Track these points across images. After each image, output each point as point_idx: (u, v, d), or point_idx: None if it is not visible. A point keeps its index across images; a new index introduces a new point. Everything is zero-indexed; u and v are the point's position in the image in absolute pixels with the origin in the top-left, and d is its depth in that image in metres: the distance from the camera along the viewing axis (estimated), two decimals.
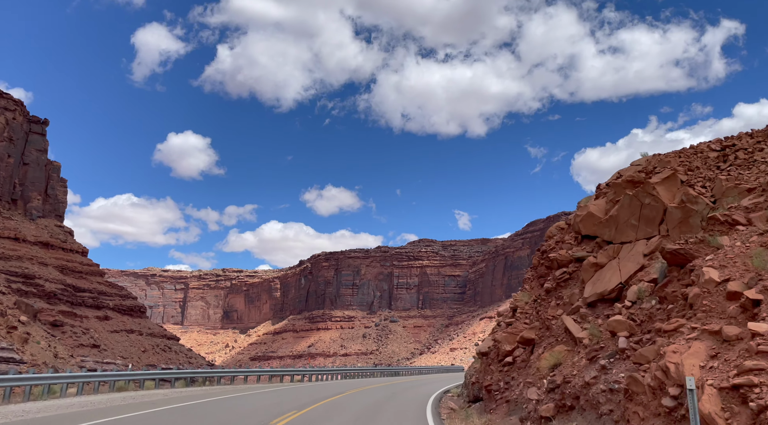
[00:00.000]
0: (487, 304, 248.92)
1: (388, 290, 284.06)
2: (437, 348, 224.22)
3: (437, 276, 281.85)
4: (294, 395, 31.75)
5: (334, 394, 32.67)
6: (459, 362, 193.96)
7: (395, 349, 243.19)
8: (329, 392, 34.85)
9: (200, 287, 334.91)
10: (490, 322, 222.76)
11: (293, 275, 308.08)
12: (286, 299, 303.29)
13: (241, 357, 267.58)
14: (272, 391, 35.50)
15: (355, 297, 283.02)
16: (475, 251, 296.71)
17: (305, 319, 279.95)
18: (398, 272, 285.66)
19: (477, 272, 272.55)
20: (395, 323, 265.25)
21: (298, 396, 31.06)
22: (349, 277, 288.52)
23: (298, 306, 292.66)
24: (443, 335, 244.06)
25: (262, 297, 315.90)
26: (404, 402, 29.28)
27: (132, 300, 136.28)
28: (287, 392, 34.82)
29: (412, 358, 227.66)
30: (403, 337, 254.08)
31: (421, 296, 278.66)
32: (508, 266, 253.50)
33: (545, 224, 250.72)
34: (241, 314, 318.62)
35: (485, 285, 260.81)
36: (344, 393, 33.59)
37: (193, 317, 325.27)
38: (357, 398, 30.55)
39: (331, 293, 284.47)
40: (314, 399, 28.77)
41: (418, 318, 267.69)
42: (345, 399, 29.09)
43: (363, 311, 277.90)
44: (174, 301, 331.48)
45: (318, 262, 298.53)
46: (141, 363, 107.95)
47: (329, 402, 27.33)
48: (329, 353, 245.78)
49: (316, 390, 36.57)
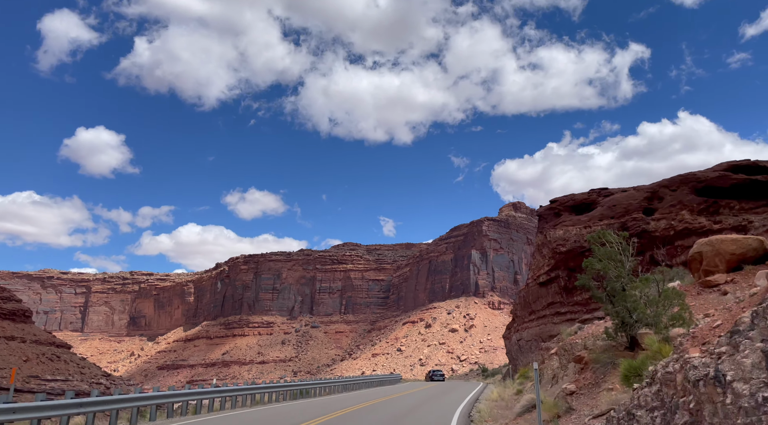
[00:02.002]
0: (411, 309, 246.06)
1: (310, 295, 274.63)
2: (359, 354, 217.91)
3: (361, 280, 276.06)
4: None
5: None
6: (381, 369, 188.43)
7: (315, 356, 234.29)
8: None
9: (104, 291, 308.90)
10: (413, 327, 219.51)
11: (209, 279, 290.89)
12: (200, 304, 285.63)
13: (148, 366, 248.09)
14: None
15: (275, 302, 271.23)
16: (400, 255, 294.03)
17: (220, 325, 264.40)
18: (321, 276, 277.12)
19: (401, 277, 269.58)
20: (316, 328, 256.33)
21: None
22: (269, 281, 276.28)
23: (213, 312, 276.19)
24: (365, 340, 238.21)
25: (173, 302, 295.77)
26: None
27: (15, 303, 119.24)
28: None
29: (333, 365, 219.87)
30: (325, 343, 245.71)
31: (344, 300, 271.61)
32: (432, 271, 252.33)
33: (468, 229, 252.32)
34: (150, 320, 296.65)
35: (409, 290, 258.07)
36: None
37: (95, 323, 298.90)
38: None
39: (250, 298, 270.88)
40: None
41: (340, 324, 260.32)
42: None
43: (283, 317, 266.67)
44: (73, 306, 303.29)
45: (236, 265, 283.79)
46: (22, 373, 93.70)
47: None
48: (245, 360, 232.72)
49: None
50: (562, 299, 55.62)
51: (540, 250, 62.38)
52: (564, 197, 61.33)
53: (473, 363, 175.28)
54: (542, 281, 59.41)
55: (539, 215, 64.67)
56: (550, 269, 57.80)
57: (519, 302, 69.87)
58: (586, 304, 51.82)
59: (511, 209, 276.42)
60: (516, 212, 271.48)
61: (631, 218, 50.11)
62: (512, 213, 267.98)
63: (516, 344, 65.27)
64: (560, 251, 54.57)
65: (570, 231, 53.71)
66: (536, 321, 59.48)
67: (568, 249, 53.24)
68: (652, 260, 46.48)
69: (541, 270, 60.99)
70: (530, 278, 65.85)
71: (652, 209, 51.20)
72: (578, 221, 54.41)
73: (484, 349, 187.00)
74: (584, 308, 51.79)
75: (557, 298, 56.51)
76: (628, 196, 53.44)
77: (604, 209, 53.57)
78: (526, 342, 60.86)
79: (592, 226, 50.77)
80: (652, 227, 48.60)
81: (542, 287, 59.84)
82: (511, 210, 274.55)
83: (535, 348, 56.19)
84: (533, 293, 62.78)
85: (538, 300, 60.85)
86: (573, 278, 53.22)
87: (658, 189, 52.20)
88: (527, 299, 64.97)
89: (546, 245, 59.12)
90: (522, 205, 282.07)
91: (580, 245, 50.49)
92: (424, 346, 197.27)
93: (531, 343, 58.83)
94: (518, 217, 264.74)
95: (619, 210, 52.24)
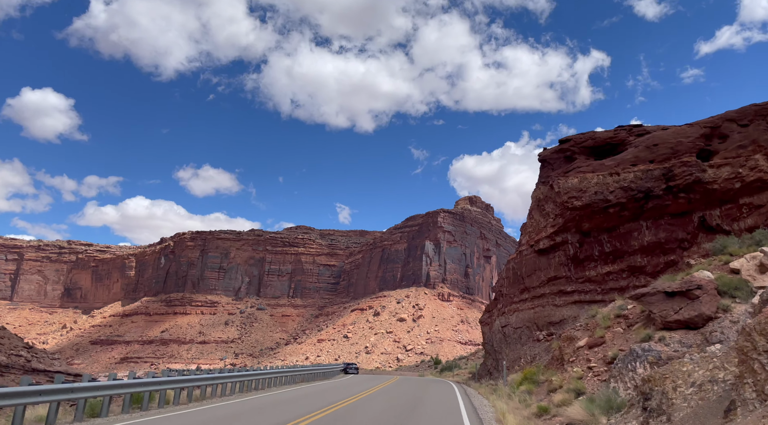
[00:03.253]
0: (360, 296, 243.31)
1: (258, 277, 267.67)
2: (304, 339, 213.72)
3: (312, 265, 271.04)
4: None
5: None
6: (326, 355, 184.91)
7: (259, 338, 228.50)
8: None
9: (38, 259, 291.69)
10: (361, 314, 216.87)
11: (152, 254, 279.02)
12: (142, 280, 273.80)
13: (81, 340, 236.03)
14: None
15: (221, 282, 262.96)
16: (354, 242, 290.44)
17: (161, 302, 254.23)
18: (271, 257, 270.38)
19: (353, 263, 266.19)
20: (263, 311, 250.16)
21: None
22: (216, 259, 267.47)
23: (154, 288, 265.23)
24: (312, 325, 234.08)
25: (112, 275, 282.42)
26: None
27: None
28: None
29: (277, 348, 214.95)
30: (270, 326, 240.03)
31: (293, 284, 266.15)
32: (384, 259, 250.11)
33: (424, 219, 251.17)
34: (86, 292, 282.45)
35: (360, 277, 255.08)
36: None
37: (25, 292, 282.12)
38: None
39: (194, 276, 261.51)
40: None
41: (287, 307, 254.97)
42: None
43: (228, 297, 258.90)
44: (3, 273, 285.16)
45: (182, 241, 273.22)
46: None
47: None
48: (185, 340, 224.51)
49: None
50: (569, 274, 42.99)
51: (540, 206, 47.92)
52: (580, 135, 47.59)
53: (419, 353, 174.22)
54: (542, 248, 45.70)
55: (543, 160, 50.28)
56: (555, 231, 43.99)
57: (506, 276, 54.61)
58: (602, 281, 40.57)
59: (467, 202, 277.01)
60: (472, 206, 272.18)
61: (680, 163, 37.05)
62: (468, 207, 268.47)
63: (500, 332, 51.46)
64: (573, 207, 41.21)
65: (588, 180, 40.75)
66: (530, 302, 46.74)
67: (585, 204, 40.26)
68: (702, 223, 36.75)
69: (541, 234, 46.58)
70: (524, 244, 50.67)
71: (710, 151, 38.24)
72: (601, 167, 41.43)
73: (431, 340, 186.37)
74: (599, 287, 40.45)
75: (562, 272, 43.51)
76: (676, 133, 40.27)
77: (639, 150, 40.47)
78: (514, 330, 48.25)
79: (621, 172, 39.06)
80: (709, 177, 35.98)
81: (541, 257, 46.12)
82: (467, 204, 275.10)
83: (527, 338, 45.00)
84: (528, 264, 48.26)
85: (535, 274, 47.06)
86: (587, 245, 41.82)
87: (722, 124, 38.89)
88: (518, 273, 50.46)
89: (551, 199, 45.42)
90: (478, 199, 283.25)
91: (603, 198, 39.20)
92: (371, 334, 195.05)
93: (522, 332, 46.60)
94: (473, 211, 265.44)
95: (662, 152, 39.05)
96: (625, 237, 39.63)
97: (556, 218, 44.31)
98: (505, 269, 57.01)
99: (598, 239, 41.35)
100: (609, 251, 40.50)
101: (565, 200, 42.02)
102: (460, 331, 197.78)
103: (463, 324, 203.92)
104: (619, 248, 39.88)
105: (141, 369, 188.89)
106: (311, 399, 25.94)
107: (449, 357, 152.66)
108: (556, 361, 25.14)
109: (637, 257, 38.83)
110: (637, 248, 38.76)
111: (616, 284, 39.44)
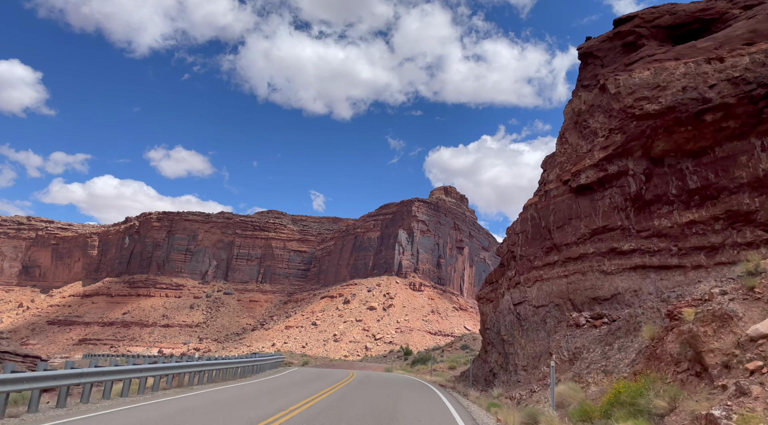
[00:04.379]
0: (331, 283, 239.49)
1: (226, 260, 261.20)
2: (272, 325, 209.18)
3: (283, 250, 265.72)
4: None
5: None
6: (293, 342, 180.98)
7: (225, 323, 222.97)
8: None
9: None
10: (331, 302, 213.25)
11: (116, 233, 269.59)
12: (104, 259, 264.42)
13: (37, 319, 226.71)
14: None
15: (188, 264, 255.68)
16: (326, 228, 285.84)
17: (124, 283, 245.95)
18: (240, 241, 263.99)
19: (324, 250, 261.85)
20: (230, 295, 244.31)
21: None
22: (183, 241, 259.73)
23: (117, 268, 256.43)
24: (280, 312, 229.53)
25: (74, 254, 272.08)
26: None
27: None
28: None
29: (243, 334, 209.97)
30: (237, 311, 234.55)
31: (263, 269, 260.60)
32: (357, 247, 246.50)
33: (398, 208, 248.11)
34: (46, 271, 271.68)
35: (331, 264, 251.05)
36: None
37: None
38: None
39: (160, 258, 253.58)
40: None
41: (255, 292, 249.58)
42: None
43: (195, 280, 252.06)
44: None
45: (148, 221, 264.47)
46: None
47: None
48: (147, 323, 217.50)
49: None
50: (627, 224, 27.97)
51: (581, 123, 32.29)
52: (650, 10, 31.60)
53: (388, 342, 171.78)
54: (584, 183, 29.99)
55: (585, 55, 34.74)
56: (608, 156, 28.55)
57: (521, 230, 36.84)
58: (680, 236, 25.78)
59: (442, 192, 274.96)
60: (446, 196, 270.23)
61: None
62: (442, 197, 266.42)
63: (511, 312, 34.92)
64: (642, 114, 26.38)
65: (670, 72, 26.12)
66: (562, 267, 31.00)
67: (666, 107, 25.53)
68: None
69: (582, 162, 30.59)
70: (552, 182, 33.94)
71: None
72: (691, 52, 26.40)
73: (401, 329, 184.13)
74: (674, 245, 25.78)
75: (616, 220, 28.41)
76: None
77: (758, 22, 25.69)
78: (535, 310, 32.36)
79: (727, 57, 24.62)
80: None
81: (582, 198, 30.62)
82: (442, 194, 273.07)
83: (557, 321, 29.95)
84: (559, 210, 32.25)
85: (570, 225, 31.18)
86: (658, 179, 27.10)
87: None
88: (541, 224, 33.87)
89: (601, 108, 30.12)
90: (453, 189, 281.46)
91: (697, 96, 24.69)
92: (340, 322, 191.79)
93: (548, 312, 31.15)
94: (448, 201, 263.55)
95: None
96: (724, 165, 24.84)
97: (610, 136, 28.57)
98: (519, 220, 37.29)
99: (678, 170, 26.41)
100: (695, 187, 25.60)
101: (629, 104, 26.87)
102: (430, 321, 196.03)
103: (434, 314, 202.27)
104: (712, 182, 25.05)
105: (100, 351, 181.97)
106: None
107: (419, 346, 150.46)
108: (670, 364, 13.81)
109: (743, 198, 24.09)
110: (745, 183, 24.09)
111: (703, 240, 24.88)
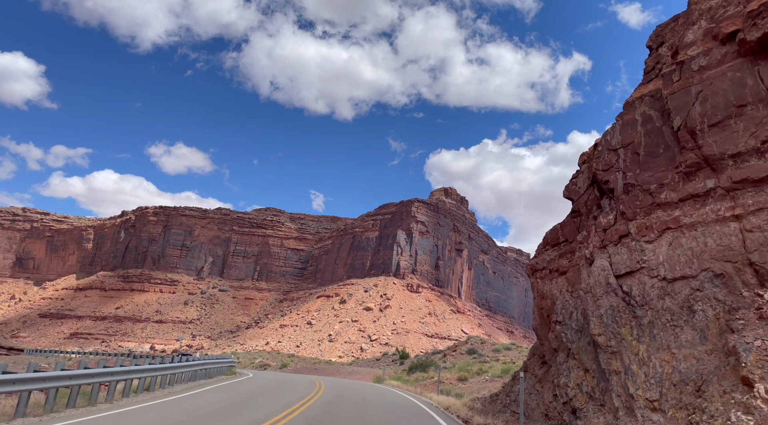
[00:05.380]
0: (328, 282, 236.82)
1: (222, 257, 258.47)
2: (266, 324, 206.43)
3: (280, 248, 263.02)
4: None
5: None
6: (287, 341, 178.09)
7: (219, 320, 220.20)
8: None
9: None
10: (327, 301, 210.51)
11: (111, 227, 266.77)
12: (99, 253, 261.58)
13: (29, 312, 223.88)
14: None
15: (183, 260, 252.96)
16: (324, 227, 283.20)
17: (119, 277, 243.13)
18: (237, 238, 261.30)
19: (322, 249, 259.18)
20: (225, 292, 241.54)
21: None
22: (179, 237, 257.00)
23: (112, 262, 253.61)
24: (276, 310, 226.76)
25: (69, 247, 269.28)
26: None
27: None
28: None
29: (237, 332, 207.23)
30: (231, 308, 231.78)
31: (259, 267, 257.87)
32: (354, 246, 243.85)
33: (397, 208, 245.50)
34: (40, 263, 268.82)
35: (328, 263, 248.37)
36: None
37: None
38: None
39: (155, 252, 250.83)
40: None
41: (251, 290, 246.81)
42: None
43: (190, 276, 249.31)
44: None
45: (145, 215, 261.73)
46: None
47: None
48: (141, 318, 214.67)
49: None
50: None
51: None
52: None
53: (384, 344, 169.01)
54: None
55: None
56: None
57: (621, 144, 16.42)
58: None
59: (442, 193, 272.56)
60: (446, 198, 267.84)
61: None
62: (442, 198, 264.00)
63: (610, 290, 14.54)
64: None
65: None
66: (724, 201, 12.34)
67: None
68: None
69: None
70: (694, 45, 14.18)
71: None
72: None
73: (397, 331, 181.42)
74: None
75: None
76: None
77: None
78: (665, 285, 12.94)
79: None
80: None
81: (765, 63, 12.19)
82: (442, 195, 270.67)
83: (718, 306, 11.69)
84: (714, 93, 13.00)
85: (737, 119, 12.34)
86: None
87: None
88: (668, 128, 14.74)
89: None
90: (453, 191, 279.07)
91: None
92: (336, 322, 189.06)
93: (695, 288, 12.25)
94: (448, 203, 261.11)
95: None
96: None
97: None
98: (619, 127, 17.07)
99: None
100: None
101: None
102: (427, 324, 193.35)
103: (431, 317, 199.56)
104: None
105: (90, 346, 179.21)
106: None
107: (415, 349, 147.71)
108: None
109: None
110: None
111: None
